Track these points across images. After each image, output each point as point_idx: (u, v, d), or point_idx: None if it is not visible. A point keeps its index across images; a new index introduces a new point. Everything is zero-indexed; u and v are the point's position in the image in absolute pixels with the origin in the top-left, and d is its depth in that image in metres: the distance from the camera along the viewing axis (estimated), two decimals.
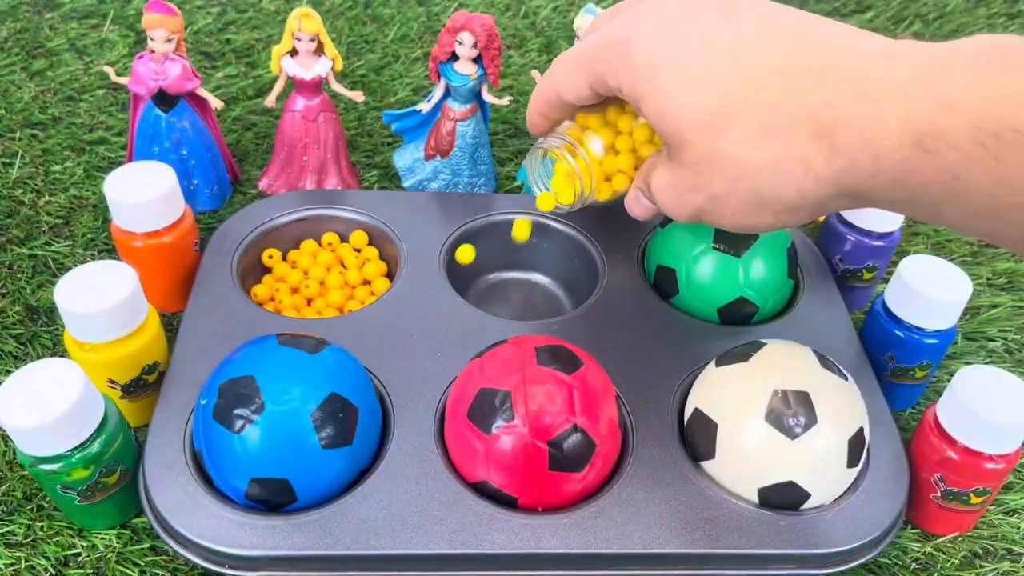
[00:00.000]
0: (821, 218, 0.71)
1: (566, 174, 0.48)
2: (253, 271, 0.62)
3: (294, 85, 0.65)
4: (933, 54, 0.31)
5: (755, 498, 0.47)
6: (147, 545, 0.48)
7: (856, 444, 0.46)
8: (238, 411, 0.44)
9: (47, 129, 0.75)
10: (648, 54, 0.36)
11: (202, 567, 0.44)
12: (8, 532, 0.48)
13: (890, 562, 0.50)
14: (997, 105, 0.28)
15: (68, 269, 0.51)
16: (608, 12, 0.43)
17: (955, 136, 0.29)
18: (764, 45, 0.34)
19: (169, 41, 0.62)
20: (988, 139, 0.29)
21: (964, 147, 0.29)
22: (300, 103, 0.66)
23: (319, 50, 0.64)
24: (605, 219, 0.64)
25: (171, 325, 0.59)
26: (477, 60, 0.63)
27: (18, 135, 0.74)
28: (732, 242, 0.56)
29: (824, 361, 0.48)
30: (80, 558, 0.47)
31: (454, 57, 0.63)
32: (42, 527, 0.48)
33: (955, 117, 0.29)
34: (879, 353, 0.56)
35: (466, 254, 0.60)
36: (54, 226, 0.66)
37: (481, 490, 0.47)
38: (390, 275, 0.63)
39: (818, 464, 0.46)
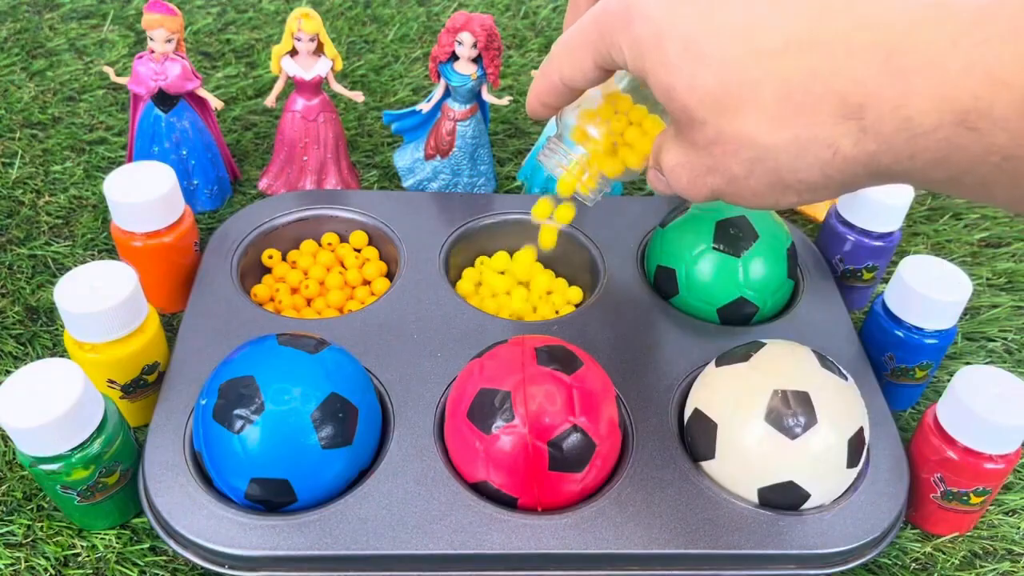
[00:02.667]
0: (821, 218, 0.71)
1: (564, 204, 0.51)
2: (253, 271, 0.62)
3: (294, 85, 0.65)
4: (969, 14, 0.27)
5: (755, 498, 0.47)
6: (147, 545, 0.48)
7: (856, 444, 0.46)
8: (238, 411, 0.44)
9: (47, 129, 0.75)
10: (652, 26, 0.33)
11: (202, 567, 0.45)
12: (8, 532, 0.48)
13: (890, 562, 0.50)
14: None
15: (68, 269, 0.51)
16: None
17: (1003, 112, 0.26)
18: (778, 12, 0.31)
19: (169, 41, 0.62)
20: None
21: (1013, 125, 0.26)
22: (300, 103, 0.66)
23: (319, 50, 0.64)
24: (605, 219, 0.64)
25: (171, 325, 0.59)
26: (477, 60, 0.63)
27: (18, 135, 0.74)
28: (732, 242, 0.56)
29: (824, 361, 0.48)
30: (80, 558, 0.47)
31: (454, 57, 0.63)
32: (42, 527, 0.48)
33: (1002, 92, 0.26)
34: (879, 353, 0.56)
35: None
36: (54, 226, 0.66)
37: (481, 490, 0.47)
38: (390, 275, 0.63)
39: (818, 464, 0.46)
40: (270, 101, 0.66)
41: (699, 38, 0.32)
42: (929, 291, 0.52)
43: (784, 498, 0.46)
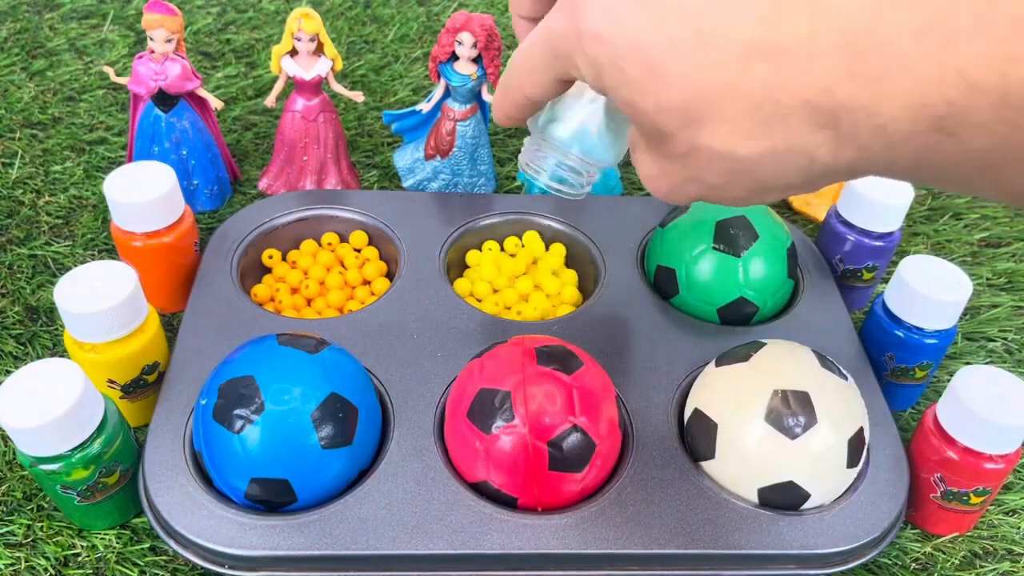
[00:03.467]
0: (821, 218, 0.71)
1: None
2: (253, 271, 0.62)
3: (294, 85, 0.65)
4: (929, 9, 0.25)
5: (755, 498, 0.47)
6: (147, 545, 0.48)
7: (856, 444, 0.46)
8: (238, 411, 0.44)
9: (47, 129, 0.75)
10: (605, 47, 0.32)
11: (202, 567, 0.45)
12: (8, 532, 0.48)
13: (890, 562, 0.50)
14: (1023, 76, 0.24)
15: (68, 269, 0.51)
16: None
17: (979, 117, 0.25)
18: (732, 16, 0.29)
19: (169, 41, 0.62)
20: (1020, 117, 0.24)
21: (991, 127, 0.25)
22: (300, 103, 0.66)
23: (319, 50, 0.64)
24: (605, 219, 0.64)
25: (171, 325, 0.59)
26: (477, 60, 0.63)
27: (18, 135, 0.74)
28: (732, 242, 0.56)
29: (824, 361, 0.48)
30: (80, 558, 0.47)
31: (454, 57, 0.63)
32: (42, 527, 0.48)
33: (977, 96, 0.25)
34: (879, 353, 0.56)
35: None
36: (54, 226, 0.66)
37: (481, 490, 0.47)
38: (390, 275, 0.63)
39: (818, 464, 0.46)
40: (270, 101, 0.66)
41: (654, 54, 0.30)
42: (929, 291, 0.52)
43: (784, 498, 0.46)
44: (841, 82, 0.27)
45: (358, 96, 0.66)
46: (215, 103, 0.65)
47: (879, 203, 0.59)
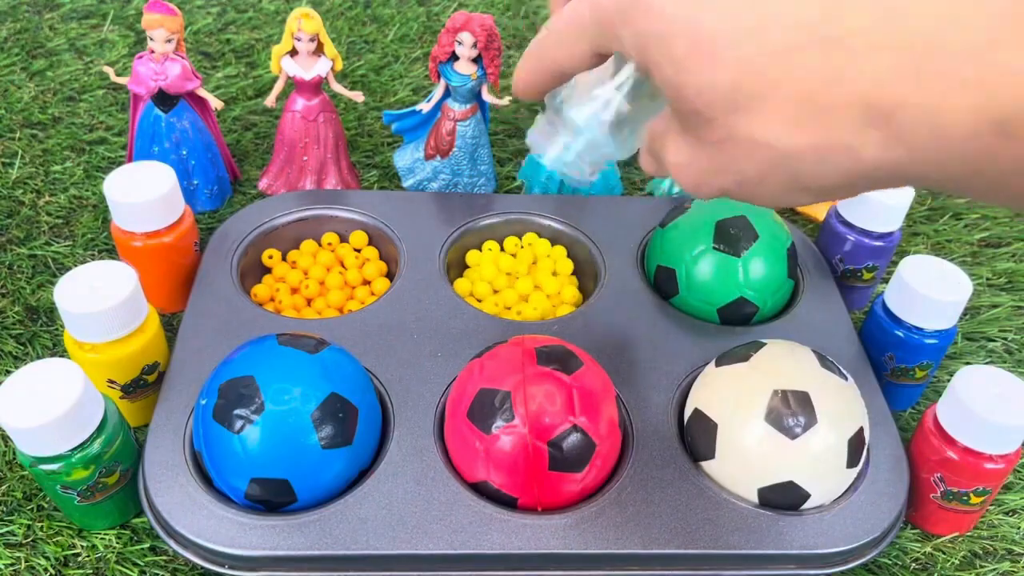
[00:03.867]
0: (821, 218, 0.71)
1: None
2: (253, 271, 0.62)
3: (294, 85, 0.65)
4: (1004, 7, 0.25)
5: (755, 498, 0.47)
6: (147, 545, 0.48)
7: (856, 444, 0.46)
8: (238, 411, 0.44)
9: (47, 129, 0.75)
10: (656, 22, 0.31)
11: (202, 567, 0.45)
12: (8, 532, 0.48)
13: (890, 562, 0.50)
14: None
15: (68, 269, 0.51)
16: None
17: None
18: (796, 6, 0.28)
19: (169, 41, 0.62)
20: None
21: None
22: (300, 103, 0.66)
23: (319, 50, 0.64)
24: (605, 219, 0.65)
25: (171, 325, 0.59)
26: (477, 60, 0.63)
27: (18, 135, 0.74)
28: (732, 242, 0.56)
29: (824, 361, 0.48)
30: (80, 558, 0.47)
31: (454, 57, 0.63)
32: (42, 527, 0.48)
33: None
34: (879, 353, 0.56)
35: None
36: (54, 226, 0.66)
37: (481, 490, 0.47)
38: (390, 275, 0.63)
39: (818, 464, 0.46)
40: (270, 101, 0.66)
41: (708, 33, 0.30)
42: (929, 291, 0.52)
43: (784, 498, 0.46)
44: (903, 78, 0.27)
45: (358, 96, 0.66)
46: (215, 103, 0.65)
47: (879, 203, 0.59)
